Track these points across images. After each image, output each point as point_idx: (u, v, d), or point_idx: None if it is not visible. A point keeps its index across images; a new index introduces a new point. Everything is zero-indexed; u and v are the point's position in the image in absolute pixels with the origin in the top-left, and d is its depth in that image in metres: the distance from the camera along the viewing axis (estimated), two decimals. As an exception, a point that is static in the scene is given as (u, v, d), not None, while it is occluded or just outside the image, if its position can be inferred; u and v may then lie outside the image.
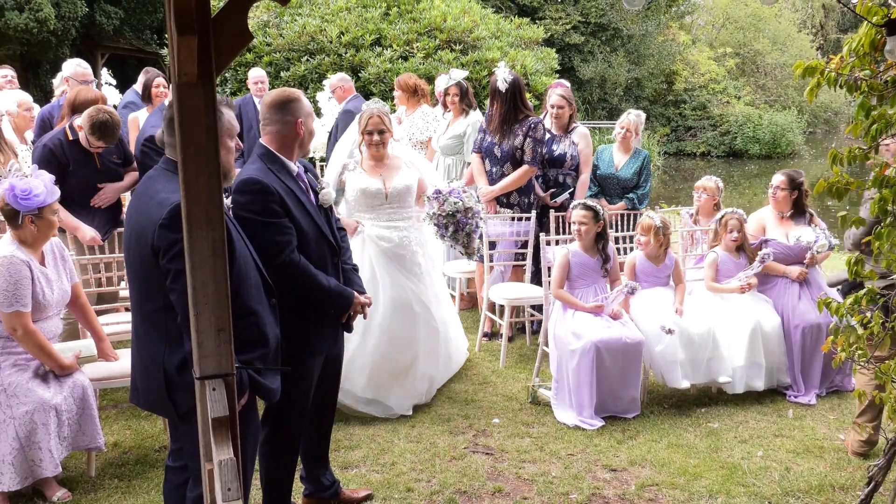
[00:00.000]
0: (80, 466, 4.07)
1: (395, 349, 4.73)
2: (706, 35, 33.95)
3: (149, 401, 2.84)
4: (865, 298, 3.00)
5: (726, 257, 5.36)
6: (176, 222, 2.47)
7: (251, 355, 2.71)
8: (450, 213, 4.80)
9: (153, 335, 2.72)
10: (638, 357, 4.78)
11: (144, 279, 2.70)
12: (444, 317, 5.16)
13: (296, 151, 3.31)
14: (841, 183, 2.90)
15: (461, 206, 4.83)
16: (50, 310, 3.76)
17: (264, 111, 3.26)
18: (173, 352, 2.66)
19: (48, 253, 3.83)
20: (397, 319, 4.72)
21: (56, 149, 4.70)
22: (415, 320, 4.80)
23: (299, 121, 3.24)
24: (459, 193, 4.89)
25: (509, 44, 16.08)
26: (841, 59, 2.83)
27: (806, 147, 29.12)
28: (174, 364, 2.66)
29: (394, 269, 4.75)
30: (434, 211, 4.84)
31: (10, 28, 17.30)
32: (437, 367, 5.05)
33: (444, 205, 4.81)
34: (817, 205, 10.47)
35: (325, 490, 3.72)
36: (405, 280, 4.77)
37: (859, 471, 4.12)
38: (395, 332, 4.72)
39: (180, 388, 2.66)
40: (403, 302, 4.74)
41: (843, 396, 5.19)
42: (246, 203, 3.10)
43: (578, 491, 3.91)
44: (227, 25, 2.04)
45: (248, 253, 2.83)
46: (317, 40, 14.80)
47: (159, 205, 2.61)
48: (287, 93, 3.28)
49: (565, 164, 6.22)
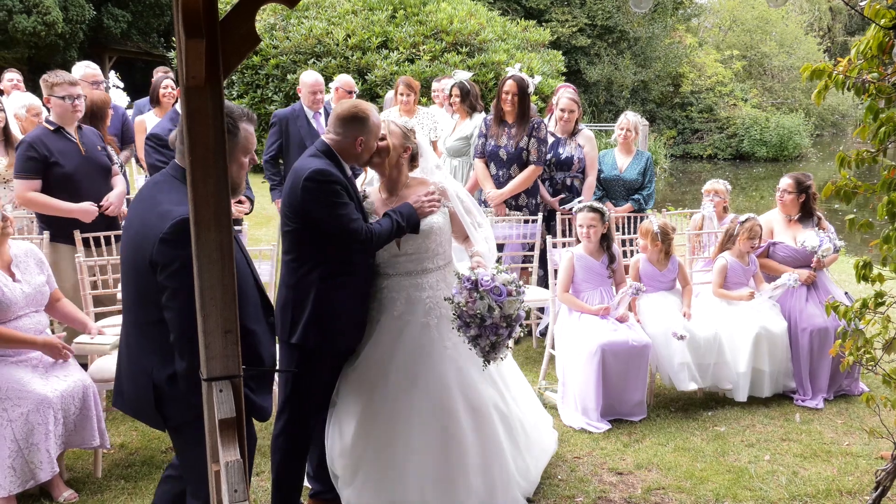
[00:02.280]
0: (87, 467, 4.08)
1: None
2: (713, 38, 33.88)
3: (136, 409, 2.76)
4: (874, 302, 2.99)
5: (735, 263, 5.33)
6: (179, 237, 2.41)
7: (245, 374, 2.67)
8: (478, 315, 3.26)
9: (145, 346, 2.64)
10: (644, 360, 4.77)
11: (140, 289, 2.62)
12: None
13: (350, 161, 3.45)
14: (849, 186, 2.89)
15: (497, 316, 3.25)
16: (16, 308, 3.69)
17: (332, 118, 3.41)
18: (164, 366, 2.57)
19: (16, 256, 3.80)
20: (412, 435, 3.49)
21: (35, 141, 4.65)
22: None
23: (359, 139, 3.36)
24: (502, 294, 3.27)
25: (516, 46, 16.08)
26: (849, 61, 2.82)
27: (813, 150, 29.02)
28: (164, 377, 2.57)
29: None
30: (460, 301, 3.29)
31: (19, 31, 17.42)
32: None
33: (476, 304, 3.25)
34: (824, 208, 10.42)
35: (332, 490, 3.69)
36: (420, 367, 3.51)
37: (867, 475, 4.10)
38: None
39: (170, 400, 2.60)
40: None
41: (850, 401, 5.16)
42: (314, 190, 3.21)
43: (584, 494, 3.90)
44: (234, 28, 2.05)
45: (248, 271, 2.74)
46: (323, 43, 14.83)
47: (161, 216, 2.51)
48: (356, 109, 3.37)
49: (573, 167, 6.22)
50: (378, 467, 3.45)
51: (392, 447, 3.45)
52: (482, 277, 3.27)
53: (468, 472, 3.47)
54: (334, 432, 3.55)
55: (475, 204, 3.84)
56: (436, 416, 3.44)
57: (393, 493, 3.44)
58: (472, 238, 3.69)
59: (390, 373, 3.47)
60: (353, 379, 3.53)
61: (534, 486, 3.87)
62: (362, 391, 3.48)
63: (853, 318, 3.06)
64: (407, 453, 3.44)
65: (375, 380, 3.48)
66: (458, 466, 3.46)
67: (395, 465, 3.44)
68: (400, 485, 3.43)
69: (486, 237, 3.77)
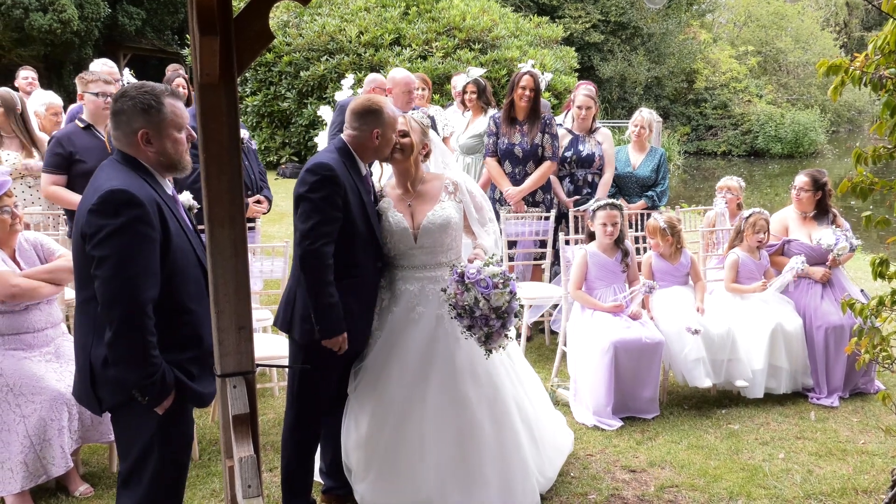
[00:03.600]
0: (103, 462, 4.11)
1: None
2: (727, 33, 33.65)
3: (79, 393, 2.72)
4: (890, 299, 2.96)
5: (747, 258, 5.31)
6: (105, 207, 2.45)
7: (181, 356, 2.63)
8: (467, 306, 3.33)
9: (84, 325, 2.64)
10: (657, 357, 4.75)
11: (78, 266, 2.62)
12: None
13: (369, 157, 3.46)
14: (865, 183, 2.86)
15: (485, 308, 3.29)
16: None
17: (347, 115, 3.43)
18: (99, 344, 2.55)
19: (21, 246, 3.76)
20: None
21: (63, 138, 4.80)
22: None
23: (376, 131, 3.37)
24: (488, 287, 3.32)
25: (528, 42, 16.04)
26: (865, 57, 2.79)
27: (829, 147, 28.78)
28: (99, 357, 2.56)
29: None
30: (451, 293, 3.35)
31: (35, 29, 17.56)
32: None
33: (463, 295, 3.31)
34: (839, 204, 10.35)
35: (345, 486, 3.67)
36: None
37: (883, 474, 4.07)
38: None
39: (103, 382, 2.58)
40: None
41: (866, 399, 5.12)
42: (312, 183, 3.20)
43: (597, 492, 3.89)
44: (248, 26, 2.06)
45: (189, 248, 2.71)
46: (336, 40, 14.85)
47: (95, 191, 2.53)
48: (369, 102, 3.40)
49: (594, 163, 6.22)
50: (392, 460, 3.46)
51: (406, 440, 3.44)
52: (468, 270, 3.31)
53: (485, 463, 3.46)
54: (350, 424, 3.56)
55: (486, 200, 3.84)
56: (451, 408, 3.45)
57: (407, 487, 3.44)
58: (476, 233, 3.72)
59: (405, 365, 3.47)
60: (367, 371, 3.54)
61: (550, 482, 3.87)
62: (377, 384, 3.49)
63: (869, 316, 3.04)
64: (422, 446, 3.44)
65: (390, 372, 3.48)
66: (474, 458, 3.45)
67: (409, 459, 3.45)
68: (414, 479, 3.44)
69: (494, 233, 3.78)
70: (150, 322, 2.48)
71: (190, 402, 2.70)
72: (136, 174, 2.61)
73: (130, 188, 2.50)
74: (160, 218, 2.55)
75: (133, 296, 2.44)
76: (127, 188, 2.49)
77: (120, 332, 2.44)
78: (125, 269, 2.44)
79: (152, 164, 2.67)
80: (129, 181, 2.54)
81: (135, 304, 2.44)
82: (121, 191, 2.47)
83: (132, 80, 8.63)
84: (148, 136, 2.61)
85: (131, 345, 2.46)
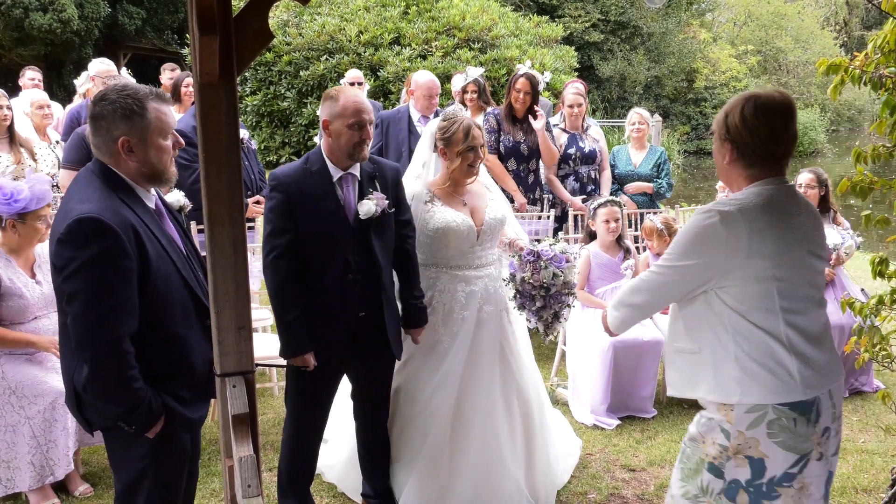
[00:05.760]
0: (103, 462, 4.11)
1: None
2: (727, 33, 33.63)
3: (71, 409, 2.54)
4: (890, 298, 2.96)
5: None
6: (73, 238, 2.22)
7: (169, 384, 2.43)
8: (545, 285, 3.44)
9: (67, 347, 2.42)
10: (656, 356, 4.75)
11: (55, 289, 2.39)
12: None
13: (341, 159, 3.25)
14: (865, 182, 2.86)
15: (560, 281, 3.45)
16: (34, 309, 3.65)
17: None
18: (80, 370, 2.33)
19: (39, 256, 3.75)
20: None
21: (86, 134, 4.79)
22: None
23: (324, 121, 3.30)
24: (561, 261, 3.47)
25: (528, 42, 16.02)
26: (865, 56, 2.79)
27: (829, 145, 28.76)
28: (81, 381, 2.33)
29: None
30: (525, 276, 3.46)
31: (35, 28, 17.56)
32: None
33: (541, 273, 3.42)
34: (839, 203, 10.36)
35: (382, 497, 3.57)
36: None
37: (882, 473, 4.07)
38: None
39: (88, 407, 2.40)
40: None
41: (865, 398, 5.12)
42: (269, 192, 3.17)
43: (597, 491, 3.89)
44: (248, 25, 2.06)
45: (174, 270, 2.45)
46: (336, 39, 14.84)
47: (64, 215, 2.28)
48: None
49: (596, 159, 6.28)
50: (435, 455, 3.50)
51: (451, 436, 3.49)
52: (541, 248, 3.45)
53: (514, 457, 3.59)
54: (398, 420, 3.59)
55: (503, 196, 3.95)
56: (518, 406, 3.63)
57: (444, 483, 3.48)
58: (511, 227, 3.81)
59: (479, 365, 3.52)
60: (449, 377, 3.49)
61: (562, 483, 3.92)
62: (456, 393, 3.49)
63: (869, 315, 3.04)
64: (498, 441, 3.53)
65: (461, 373, 3.49)
66: (508, 452, 3.56)
67: (450, 455, 3.50)
68: (451, 474, 3.49)
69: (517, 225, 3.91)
70: (129, 355, 2.29)
71: (179, 429, 2.49)
72: (112, 192, 2.35)
73: (102, 215, 2.23)
74: (138, 243, 2.31)
75: (106, 334, 2.24)
76: (97, 215, 2.22)
77: (95, 372, 2.27)
78: (98, 306, 2.22)
79: (133, 176, 2.41)
80: (102, 203, 2.28)
81: (109, 343, 2.24)
82: (89, 219, 2.21)
83: (132, 80, 8.64)
84: (130, 145, 2.36)
85: (109, 382, 2.29)
